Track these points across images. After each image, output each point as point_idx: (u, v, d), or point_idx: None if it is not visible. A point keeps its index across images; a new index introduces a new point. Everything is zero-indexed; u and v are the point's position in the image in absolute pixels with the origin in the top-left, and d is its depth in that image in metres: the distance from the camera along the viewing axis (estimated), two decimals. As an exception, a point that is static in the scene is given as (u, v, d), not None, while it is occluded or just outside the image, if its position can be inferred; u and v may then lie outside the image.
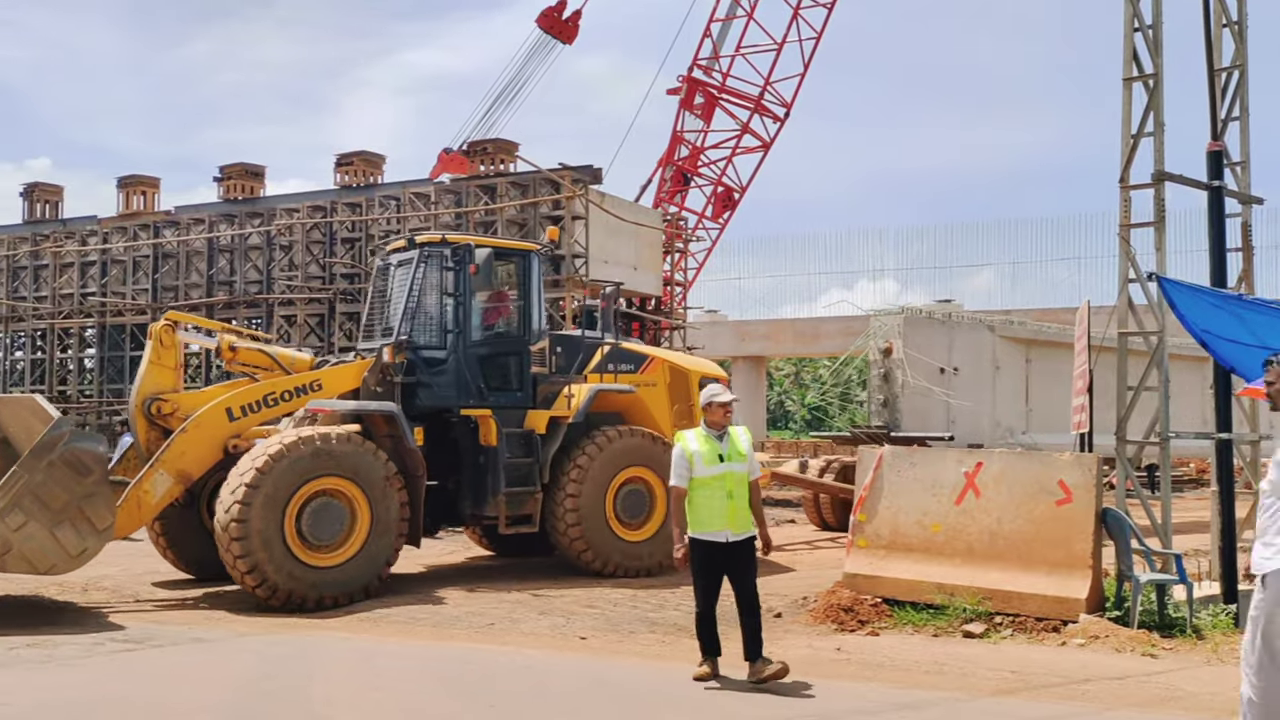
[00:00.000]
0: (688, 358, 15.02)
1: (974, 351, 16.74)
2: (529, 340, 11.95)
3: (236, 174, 24.71)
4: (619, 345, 12.96)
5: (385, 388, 11.19)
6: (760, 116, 26.24)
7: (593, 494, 11.56)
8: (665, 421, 12.73)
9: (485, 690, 7.00)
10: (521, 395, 11.83)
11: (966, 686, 6.95)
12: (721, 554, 6.93)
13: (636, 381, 12.67)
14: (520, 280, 12.05)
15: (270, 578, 9.59)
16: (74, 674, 7.33)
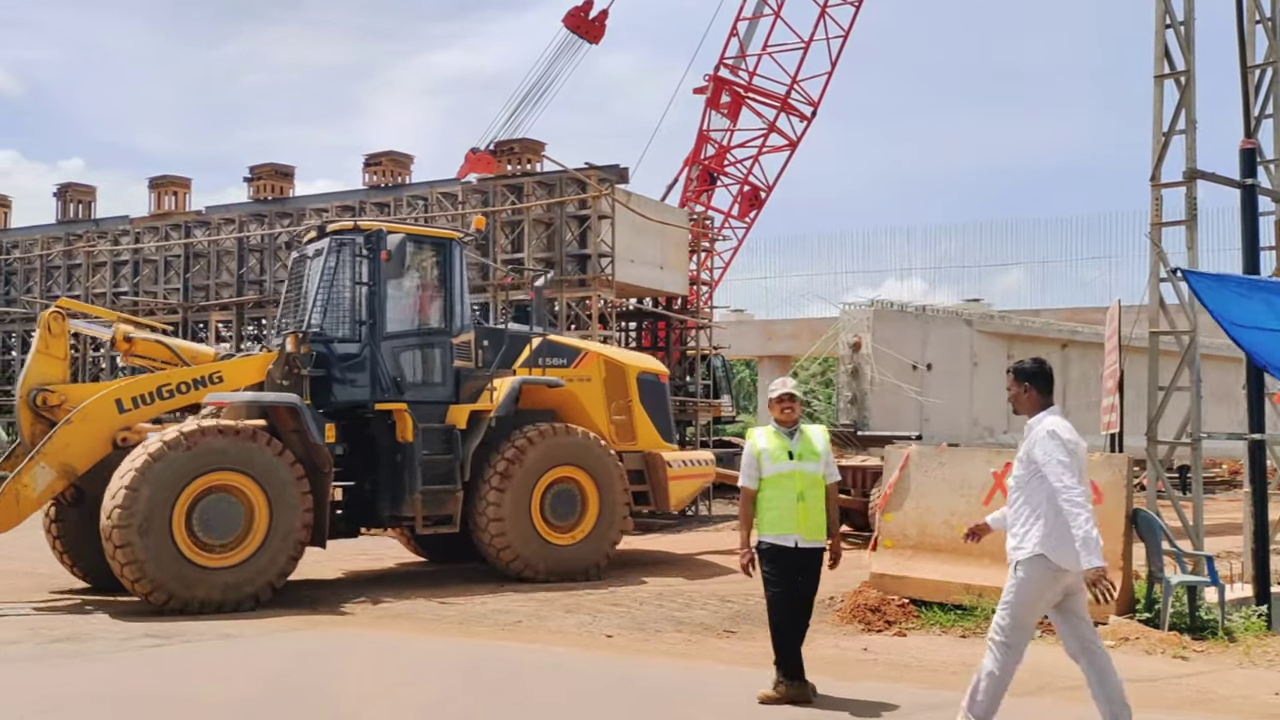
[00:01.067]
0: (626, 352, 14.53)
1: (950, 347, 16.08)
2: (452, 333, 11.40)
3: (266, 174, 24.89)
4: (550, 338, 12.53)
5: (292, 381, 10.65)
6: (787, 115, 26.15)
7: (517, 494, 11.05)
8: (601, 418, 12.35)
9: (511, 687, 7.03)
10: (443, 390, 11.28)
11: (994, 687, 6.89)
12: (790, 560, 6.39)
13: (569, 376, 12.17)
14: (442, 270, 11.51)
15: (156, 579, 9.12)
16: (104, 668, 7.43)
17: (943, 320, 16.49)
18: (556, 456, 11.39)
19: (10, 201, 29.32)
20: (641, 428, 12.85)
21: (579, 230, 20.38)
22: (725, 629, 9.06)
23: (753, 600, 10.45)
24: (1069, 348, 17.40)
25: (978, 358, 16.44)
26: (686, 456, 13.41)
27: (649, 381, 13.17)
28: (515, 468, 11.08)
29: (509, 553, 11.03)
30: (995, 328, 17.07)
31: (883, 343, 15.32)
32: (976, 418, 16.52)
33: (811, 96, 26.14)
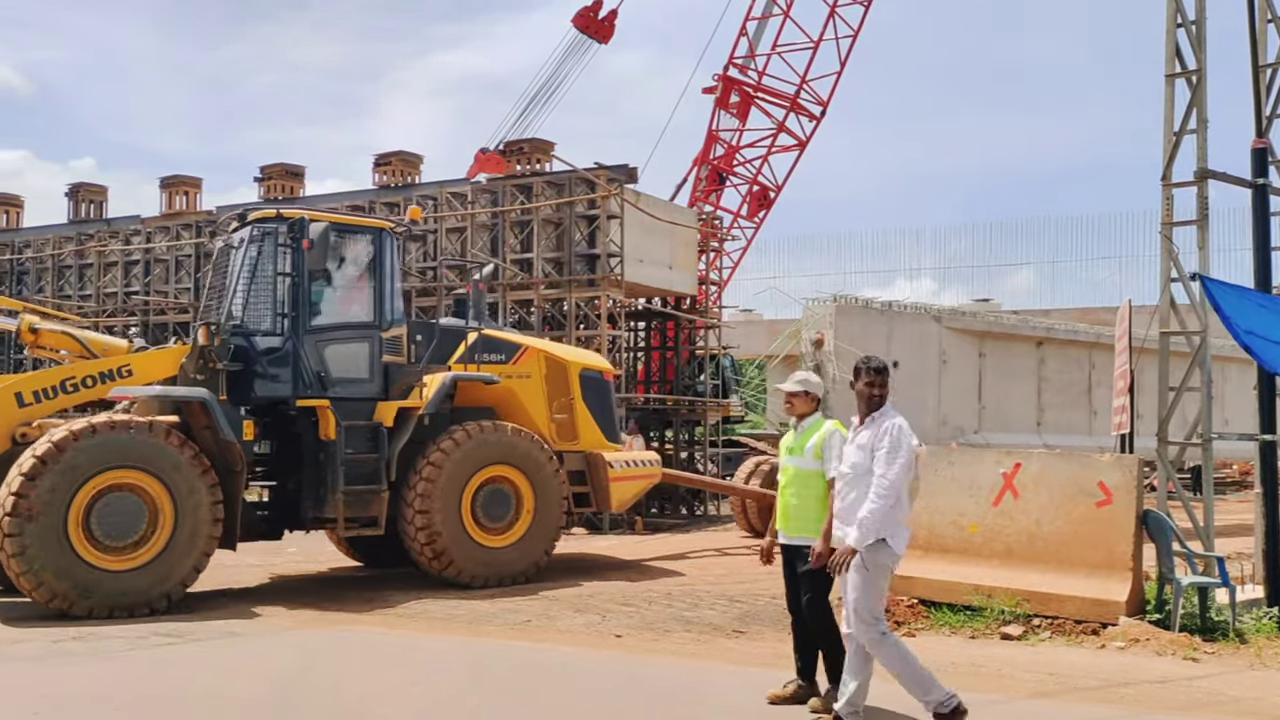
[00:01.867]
0: (569, 348, 14.12)
1: (917, 344, 15.59)
2: (381, 326, 10.93)
3: (277, 174, 24.98)
4: (487, 333, 12.02)
5: (207, 375, 10.16)
6: (796, 115, 26.12)
7: (446, 494, 10.62)
8: (541, 416, 11.92)
9: (521, 686, 7.04)
10: (371, 386, 10.82)
11: (1004, 688, 6.89)
12: (786, 556, 6.42)
13: (508, 372, 11.74)
14: (372, 261, 11.06)
15: (49, 582, 8.76)
16: (118, 667, 7.46)
17: (909, 317, 16.00)
18: (488, 456, 10.97)
19: (22, 201, 29.46)
20: (584, 427, 12.39)
21: (588, 230, 20.39)
22: (734, 629, 9.06)
23: (762, 601, 10.45)
24: (1045, 345, 17.05)
25: (946, 355, 15.98)
26: (629, 457, 12.97)
27: (592, 379, 12.71)
28: (443, 467, 10.65)
29: (436, 554, 10.62)
30: (965, 325, 16.57)
31: (846, 340, 14.83)
32: (945, 417, 16.07)
33: (821, 96, 26.11)
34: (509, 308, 20.17)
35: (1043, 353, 16.92)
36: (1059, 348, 17.23)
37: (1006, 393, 16.38)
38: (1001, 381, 16.51)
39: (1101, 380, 17.36)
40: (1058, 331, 17.67)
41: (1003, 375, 16.50)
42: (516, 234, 20.70)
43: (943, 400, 15.93)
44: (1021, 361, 16.60)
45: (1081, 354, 17.44)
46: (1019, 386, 16.52)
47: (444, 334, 11.62)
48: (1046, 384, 16.87)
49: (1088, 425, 17.26)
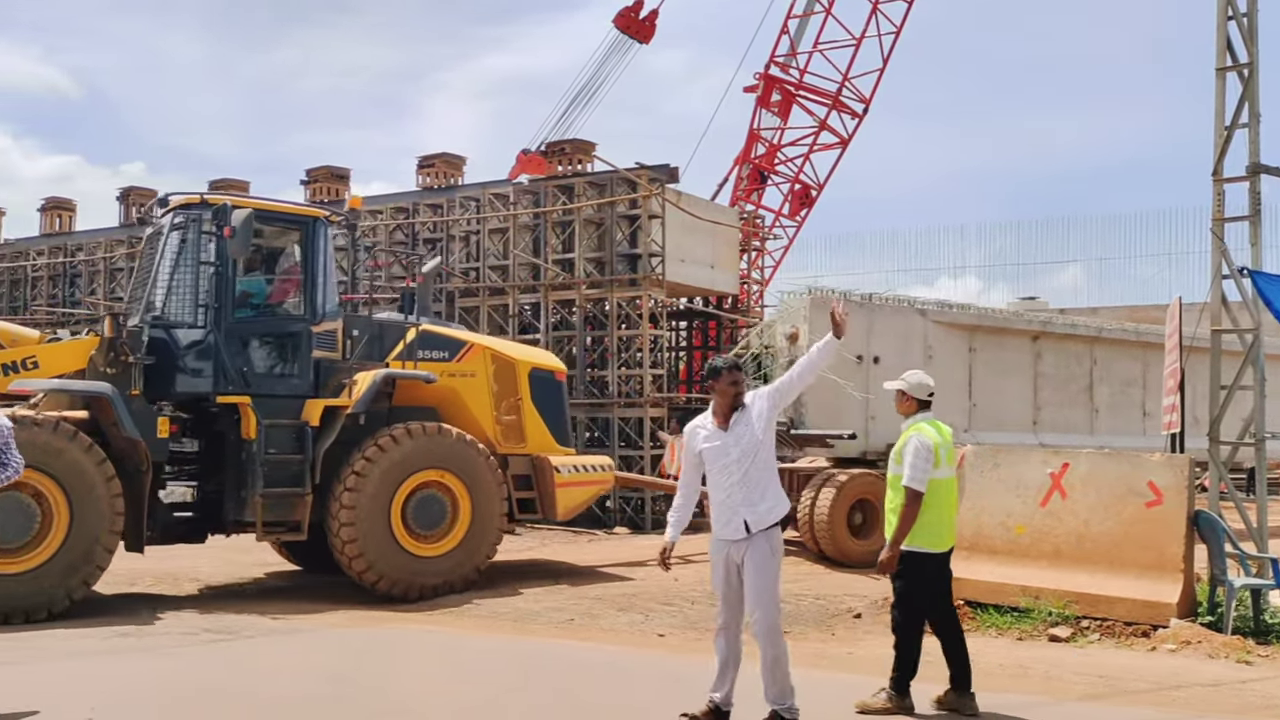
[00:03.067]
0: (518, 346, 13.45)
1: (901, 338, 14.78)
2: (312, 320, 10.41)
3: (322, 177, 25.28)
4: (430, 329, 11.33)
5: (119, 369, 9.64)
6: (838, 113, 26.00)
7: (374, 499, 10.02)
8: (486, 417, 11.33)
9: (567, 685, 7.09)
10: (298, 382, 10.30)
11: (1053, 690, 6.84)
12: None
13: (452, 370, 11.14)
14: (305, 251, 10.53)
15: None
16: (170, 662, 7.61)
17: (891, 310, 15.17)
18: (422, 459, 10.35)
19: (74, 205, 30.05)
20: (532, 429, 11.78)
21: (629, 230, 20.43)
22: (778, 629, 9.05)
23: (805, 601, 10.44)
24: (1041, 340, 16.24)
25: (933, 351, 15.10)
26: (578, 461, 12.22)
27: (543, 379, 12.10)
28: (371, 470, 10.06)
29: (361, 562, 9.98)
30: (953, 318, 15.73)
31: (821, 333, 14.43)
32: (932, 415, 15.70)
33: (863, 93, 25.97)
34: (550, 308, 20.28)
35: (1039, 347, 16.15)
36: (1057, 342, 16.44)
37: (999, 390, 15.63)
38: (994, 378, 15.72)
39: (1104, 376, 16.78)
40: (1055, 325, 16.96)
41: (995, 371, 15.72)
42: (558, 234, 20.80)
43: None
44: (1016, 357, 15.84)
45: (1082, 349, 16.65)
46: (1013, 383, 15.75)
47: (383, 329, 11.09)
48: (1044, 380, 16.15)
49: (1089, 424, 16.59)
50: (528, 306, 21.10)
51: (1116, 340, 17.19)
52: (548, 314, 20.29)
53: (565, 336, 19.87)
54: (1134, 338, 17.43)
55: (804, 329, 13.92)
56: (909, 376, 6.53)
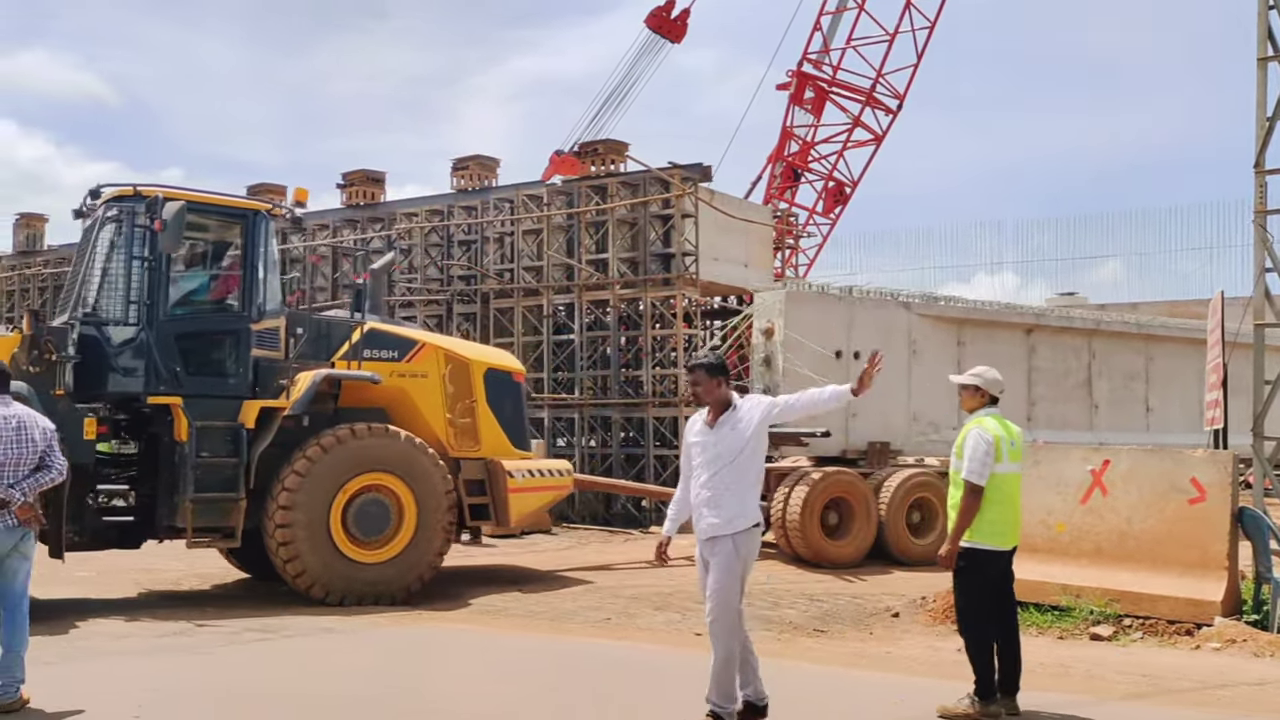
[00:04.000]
0: (473, 345, 12.89)
1: (882, 333, 14.33)
2: (252, 317, 10.01)
3: (358, 180, 25.48)
4: (378, 328, 10.89)
5: (42, 367, 9.23)
6: (872, 109, 25.89)
7: (312, 504, 9.66)
8: (437, 419, 10.89)
9: (604, 684, 7.11)
10: (236, 383, 9.91)
11: (1095, 689, 6.77)
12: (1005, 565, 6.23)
13: (401, 371, 10.73)
14: (244, 245, 10.13)
15: None
16: (217, 661, 7.71)
17: (873, 303, 14.70)
18: (363, 462, 9.97)
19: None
20: (487, 431, 11.32)
21: (663, 230, 20.44)
22: (815, 628, 9.04)
23: (843, 600, 10.41)
24: (1035, 333, 15.72)
25: (917, 345, 14.65)
26: (535, 465, 11.74)
27: (499, 379, 11.64)
28: (309, 474, 9.68)
29: (296, 565, 9.65)
30: (940, 311, 15.21)
31: (798, 329, 13.61)
32: (917, 413, 14.67)
33: (897, 89, 25.84)
34: (585, 308, 20.34)
35: (1033, 341, 15.67)
36: (1052, 336, 15.91)
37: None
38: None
39: (1103, 371, 16.30)
40: (1049, 318, 16.41)
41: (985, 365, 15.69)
42: (592, 234, 20.84)
43: (914, 394, 14.54)
44: (1008, 350, 15.27)
45: (1079, 342, 16.18)
46: (1005, 378, 15.59)
47: (330, 328, 10.68)
48: (1038, 375, 15.67)
49: (1088, 419, 16.13)
50: (562, 307, 21.17)
51: (1117, 333, 16.75)
52: (582, 314, 20.35)
53: (599, 336, 19.92)
54: (1135, 330, 16.97)
55: (779, 324, 13.61)
56: (983, 372, 6.44)
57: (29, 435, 6.11)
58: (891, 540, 13.28)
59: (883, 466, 13.84)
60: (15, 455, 6.02)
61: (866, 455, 13.97)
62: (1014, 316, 15.86)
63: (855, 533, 13.17)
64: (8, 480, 5.97)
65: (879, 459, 13.97)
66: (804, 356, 13.38)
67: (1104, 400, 16.28)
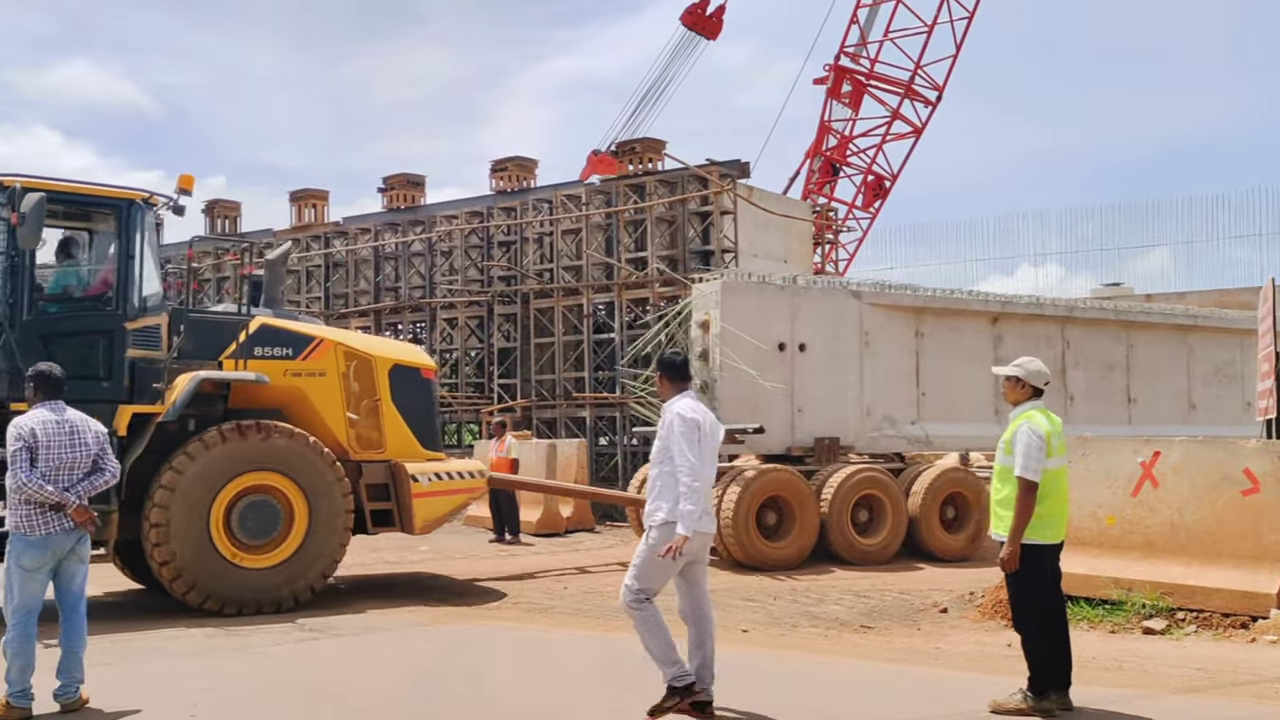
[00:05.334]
0: (379, 340, 12.23)
1: (830, 324, 13.70)
2: (127, 315, 9.45)
3: (398, 184, 25.72)
4: (271, 324, 10.31)
5: None
6: (911, 101, 25.71)
7: (188, 509, 9.17)
8: (337, 420, 10.36)
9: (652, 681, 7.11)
10: (110, 386, 9.32)
11: (1149, 684, 6.67)
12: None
13: (296, 369, 10.17)
14: (119, 238, 9.54)
15: None
16: (266, 662, 7.81)
17: (819, 293, 13.97)
18: (244, 462, 9.49)
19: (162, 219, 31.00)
20: (393, 432, 10.75)
21: (701, 227, 20.43)
22: (861, 624, 8.99)
23: (889, 596, 10.34)
24: (1002, 322, 15.07)
25: (870, 336, 14.04)
26: (442, 468, 11.02)
27: (406, 376, 11.02)
28: (182, 478, 9.21)
29: (171, 570, 9.18)
30: (894, 300, 14.45)
31: (734, 321, 12.97)
32: (871, 406, 14.01)
33: (936, 81, 25.64)
34: (624, 306, 20.36)
35: (999, 330, 14.99)
36: (1020, 324, 15.22)
37: (953, 377, 14.41)
38: (946, 365, 14.26)
39: (1079, 360, 15.60)
40: (1016, 305, 15.55)
41: (947, 357, 14.48)
42: (630, 233, 20.87)
43: (867, 387, 13.97)
44: (972, 340, 14.69)
45: (1051, 330, 15.48)
46: (969, 370, 14.38)
47: (218, 325, 10.10)
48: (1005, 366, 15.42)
49: (1063, 411, 15.06)
50: (601, 306, 21.22)
51: (1093, 320, 16.01)
52: (622, 313, 20.39)
53: (639, 335, 19.94)
54: (1113, 317, 16.26)
55: (715, 315, 13.03)
56: (1025, 363, 6.31)
57: (82, 439, 6.23)
58: (836, 540, 12.74)
59: (832, 463, 13.29)
60: (70, 459, 6.15)
61: (814, 452, 13.44)
62: (976, 304, 15.21)
63: (795, 533, 12.60)
64: (63, 484, 6.09)
65: (828, 455, 13.43)
66: (742, 350, 12.86)
67: (1080, 392, 15.62)
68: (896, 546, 13.17)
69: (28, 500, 6.00)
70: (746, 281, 13.56)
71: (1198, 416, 16.51)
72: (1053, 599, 6.16)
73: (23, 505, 6.02)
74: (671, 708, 5.87)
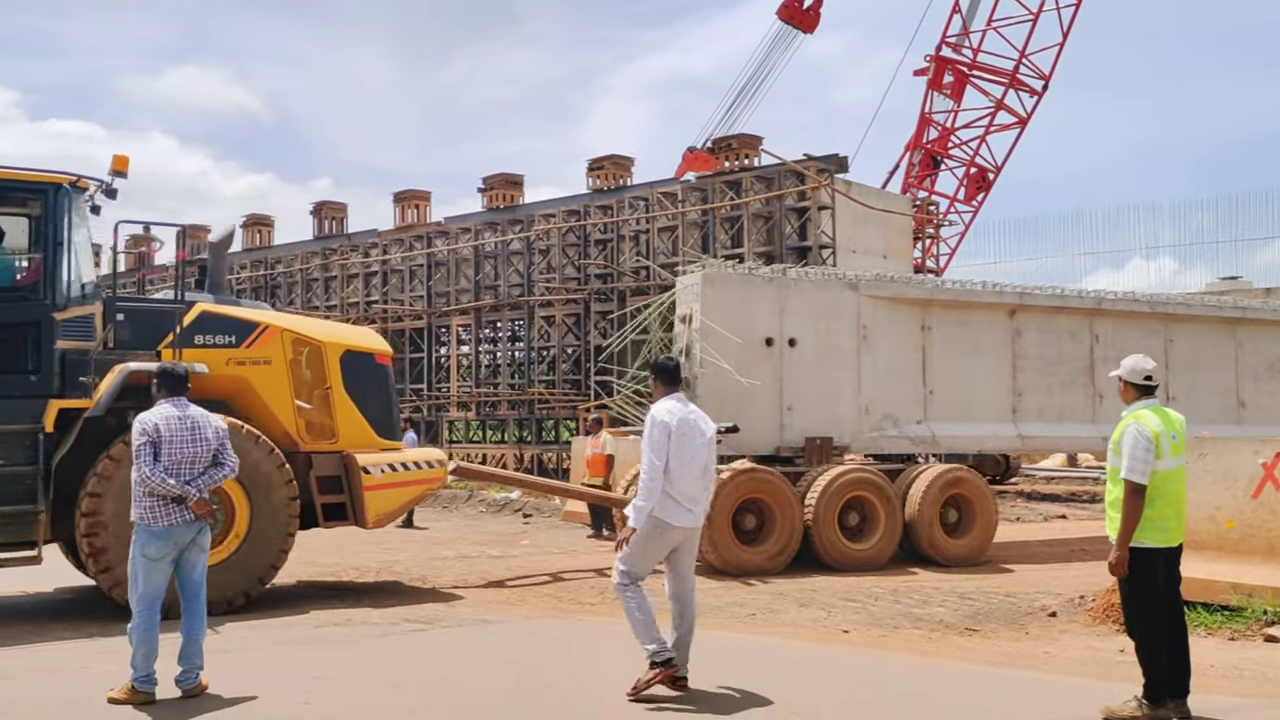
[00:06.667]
0: (329, 325, 11.59)
1: (824, 317, 13.02)
2: (56, 305, 9.07)
3: (498, 184, 26.12)
4: (212, 310, 9.84)
5: None
6: (1015, 91, 25.11)
7: (123, 507, 8.34)
8: (285, 410, 9.85)
9: (753, 679, 7.09)
10: (38, 381, 8.91)
11: (1271, 693, 6.41)
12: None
13: (240, 358, 9.73)
14: (45, 224, 9.13)
15: None
16: (375, 651, 8.02)
17: (811, 285, 13.18)
18: None
19: (273, 221, 32.08)
20: (346, 422, 10.25)
21: (799, 223, 20.27)
22: (966, 627, 8.83)
23: (995, 599, 10.12)
24: (1020, 314, 14.20)
25: (868, 330, 13.26)
26: (396, 459, 10.49)
27: (360, 363, 10.52)
28: (116, 474, 8.70)
29: (110, 578, 8.73)
30: (896, 292, 13.61)
31: (716, 315, 12.40)
32: (869, 404, 13.29)
33: (1042, 70, 24.99)
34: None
35: (1018, 323, 14.12)
36: (1043, 316, 14.29)
37: (964, 374, 13.65)
38: (956, 360, 13.68)
39: (1109, 356, 14.38)
40: (1037, 297, 14.54)
41: (958, 352, 13.71)
42: (727, 230, 20.81)
43: (865, 384, 13.27)
44: (987, 335, 13.88)
45: (1078, 323, 14.52)
46: (983, 365, 13.73)
47: (158, 313, 9.64)
48: (1025, 362, 14.09)
49: (1090, 410, 14.47)
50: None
51: (1125, 313, 15.00)
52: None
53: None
54: (1147, 309, 15.18)
55: (696, 309, 12.46)
56: (1125, 361, 6.13)
57: (203, 434, 6.49)
58: (822, 544, 12.09)
59: (825, 464, 12.62)
60: (191, 453, 6.41)
61: (805, 452, 12.76)
62: (990, 295, 14.35)
63: (776, 537, 11.97)
64: (185, 477, 6.35)
65: (819, 456, 12.75)
66: (725, 345, 12.30)
67: (1111, 390, 14.51)
68: (890, 551, 12.50)
69: (151, 493, 6.28)
70: (730, 273, 13.02)
71: (1249, 415, 15.45)
72: (1168, 604, 5.95)
73: (147, 498, 6.30)
74: (652, 680, 6.43)
